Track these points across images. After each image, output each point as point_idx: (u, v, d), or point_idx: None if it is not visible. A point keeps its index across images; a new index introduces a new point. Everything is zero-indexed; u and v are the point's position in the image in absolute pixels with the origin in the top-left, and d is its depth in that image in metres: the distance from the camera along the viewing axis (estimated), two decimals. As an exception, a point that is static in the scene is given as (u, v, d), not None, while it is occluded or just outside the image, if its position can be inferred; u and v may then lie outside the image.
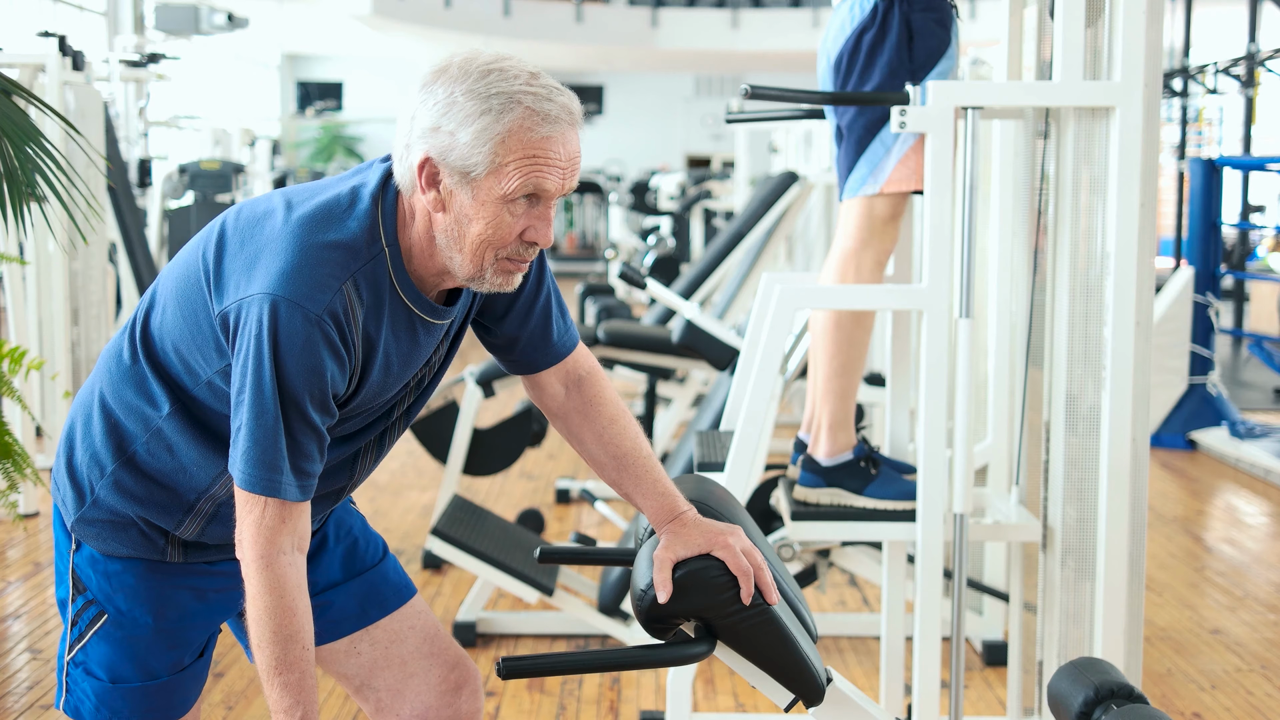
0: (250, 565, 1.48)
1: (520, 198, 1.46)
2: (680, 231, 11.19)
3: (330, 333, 1.44)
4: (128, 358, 1.59)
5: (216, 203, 7.06)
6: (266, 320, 1.42)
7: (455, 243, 1.49)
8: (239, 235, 1.52)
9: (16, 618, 3.69)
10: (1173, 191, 10.00)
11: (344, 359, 1.47)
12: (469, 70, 1.45)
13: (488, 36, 16.62)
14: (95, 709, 1.67)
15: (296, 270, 1.44)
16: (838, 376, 2.66)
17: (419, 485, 5.35)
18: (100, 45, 11.59)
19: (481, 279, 1.51)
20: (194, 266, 1.53)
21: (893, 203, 2.64)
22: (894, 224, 2.66)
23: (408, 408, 1.68)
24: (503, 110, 1.43)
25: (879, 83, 2.57)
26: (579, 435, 1.73)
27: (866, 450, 2.69)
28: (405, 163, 1.49)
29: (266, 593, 1.47)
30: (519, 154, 1.44)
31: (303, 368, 1.43)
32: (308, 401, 1.45)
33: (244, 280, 1.46)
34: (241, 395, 1.45)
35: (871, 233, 2.64)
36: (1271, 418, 6.98)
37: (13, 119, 2.76)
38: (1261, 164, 7.88)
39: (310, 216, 1.49)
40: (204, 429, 1.56)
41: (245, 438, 1.45)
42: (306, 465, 1.48)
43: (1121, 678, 1.53)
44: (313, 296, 1.43)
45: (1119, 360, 2.38)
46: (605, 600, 3.48)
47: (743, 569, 1.53)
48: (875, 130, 2.60)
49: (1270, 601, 4.02)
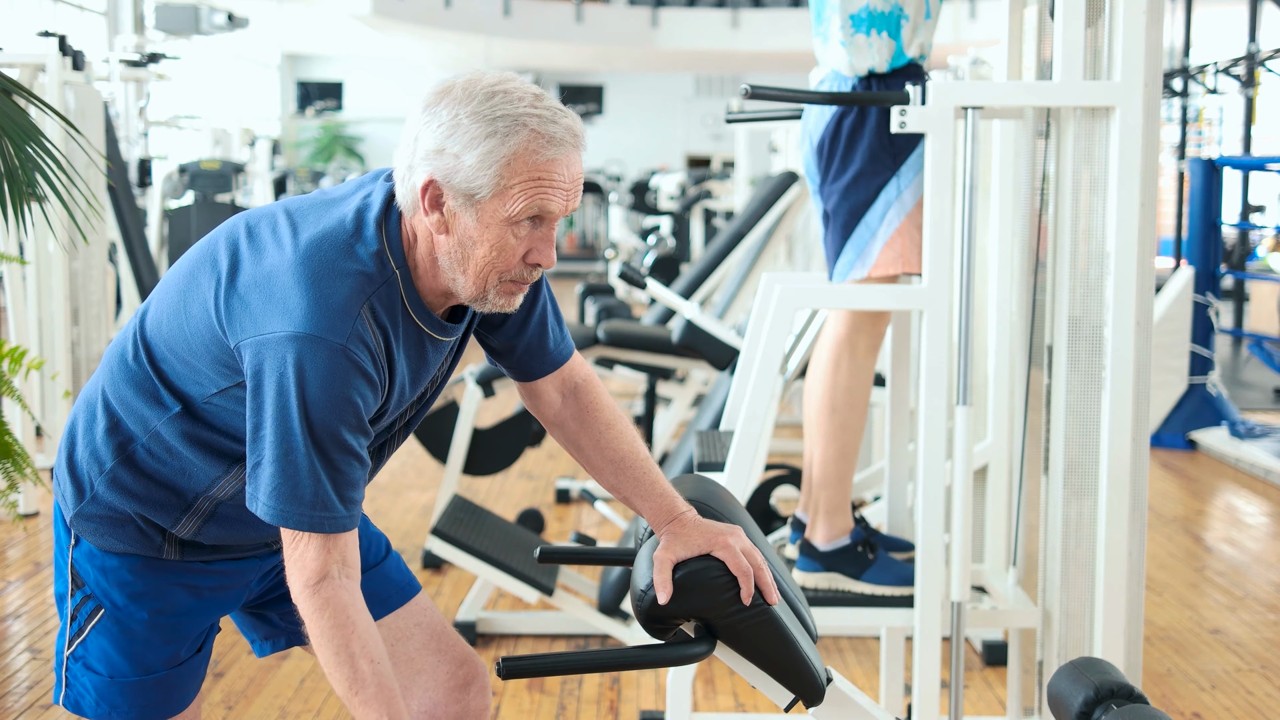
0: (299, 597, 1.48)
1: (524, 220, 1.46)
2: (680, 231, 11.20)
3: (359, 358, 1.44)
4: (131, 359, 1.59)
5: (216, 203, 7.06)
6: (292, 361, 1.41)
7: (459, 264, 1.49)
8: (249, 262, 1.49)
9: (16, 617, 3.69)
10: (1173, 191, 9.99)
11: (375, 381, 1.47)
12: (473, 92, 1.44)
13: (488, 36, 16.63)
14: (96, 703, 1.68)
15: (315, 304, 1.43)
16: (834, 462, 2.70)
17: (419, 485, 5.35)
18: (100, 45, 11.59)
19: (484, 300, 1.51)
20: (203, 287, 1.52)
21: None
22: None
23: (408, 421, 1.68)
24: (508, 133, 1.43)
25: (860, 167, 2.61)
26: (576, 441, 1.74)
27: (864, 534, 2.72)
28: (408, 184, 1.48)
29: (318, 616, 1.46)
30: (524, 177, 1.44)
31: (336, 400, 1.43)
32: (344, 431, 1.44)
33: (261, 316, 1.45)
34: (261, 432, 1.44)
35: (864, 316, 2.68)
36: (1271, 418, 6.98)
37: (13, 118, 2.76)
38: (1261, 164, 7.88)
39: (320, 244, 1.47)
40: (205, 435, 1.57)
41: (273, 476, 1.44)
42: (351, 493, 1.47)
43: (1121, 678, 1.53)
44: (335, 328, 1.42)
45: (1119, 360, 2.38)
46: (605, 600, 3.48)
47: (743, 569, 1.53)
48: (860, 214, 2.63)
49: (1270, 601, 4.02)
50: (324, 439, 1.43)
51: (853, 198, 2.62)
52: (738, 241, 5.69)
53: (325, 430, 1.43)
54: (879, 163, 2.60)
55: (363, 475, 1.50)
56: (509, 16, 16.82)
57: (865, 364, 2.68)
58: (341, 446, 1.45)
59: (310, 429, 1.42)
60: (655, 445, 5.17)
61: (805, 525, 2.76)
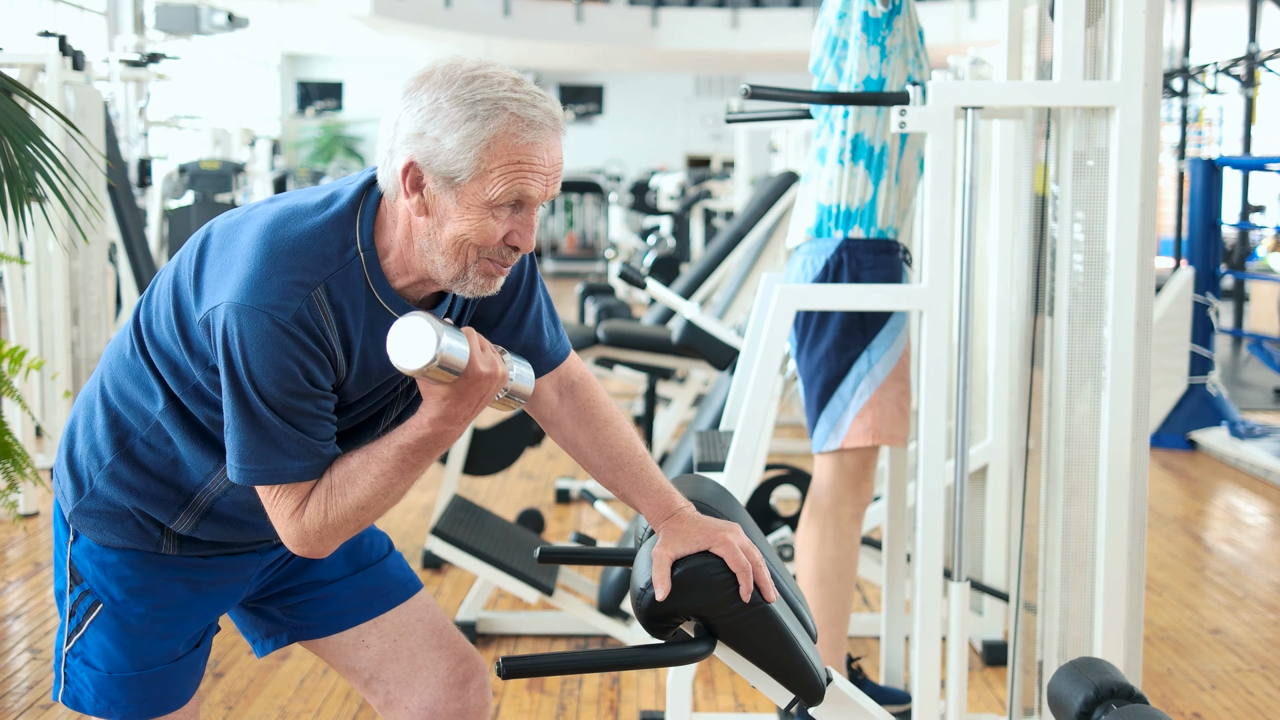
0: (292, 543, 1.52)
1: (505, 204, 1.47)
2: (680, 231, 11.19)
3: (301, 336, 1.46)
4: (129, 353, 1.61)
5: (216, 203, 7.06)
6: (235, 329, 1.44)
7: (437, 245, 1.49)
8: (218, 241, 1.54)
9: (16, 617, 3.69)
10: (1173, 191, 10.00)
11: (324, 359, 1.49)
12: (453, 76, 1.45)
13: (488, 36, 16.63)
14: (95, 699, 1.68)
15: (264, 278, 1.45)
16: (827, 629, 2.74)
17: (419, 485, 5.35)
18: (100, 45, 11.60)
19: (464, 280, 1.51)
20: (182, 272, 1.55)
21: (861, 456, 2.72)
22: (867, 476, 2.75)
23: (398, 415, 1.68)
24: (488, 116, 1.43)
25: (833, 340, 2.69)
26: (573, 440, 1.74)
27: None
28: (389, 168, 1.49)
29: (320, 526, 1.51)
30: (504, 160, 1.44)
31: (276, 370, 1.45)
32: (290, 395, 1.46)
33: (218, 287, 1.48)
34: (227, 399, 1.47)
35: (846, 487, 2.73)
36: (1271, 418, 6.98)
37: (13, 118, 2.76)
38: (1261, 164, 7.88)
39: (278, 221, 1.50)
40: (198, 426, 1.58)
41: (232, 436, 1.48)
42: (320, 447, 1.50)
43: (1121, 678, 1.54)
44: (279, 305, 1.44)
45: (1119, 360, 2.38)
46: (605, 600, 3.48)
47: (742, 565, 1.53)
48: (834, 387, 2.69)
49: (1270, 601, 4.02)
50: (273, 401, 1.46)
51: (825, 370, 2.70)
52: (738, 241, 5.69)
53: (271, 394, 1.45)
54: (850, 336, 2.67)
55: (327, 431, 1.51)
56: (509, 16, 16.83)
57: (850, 533, 2.73)
58: (292, 409, 1.47)
59: (259, 392, 1.45)
60: (655, 445, 5.17)
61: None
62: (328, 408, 1.51)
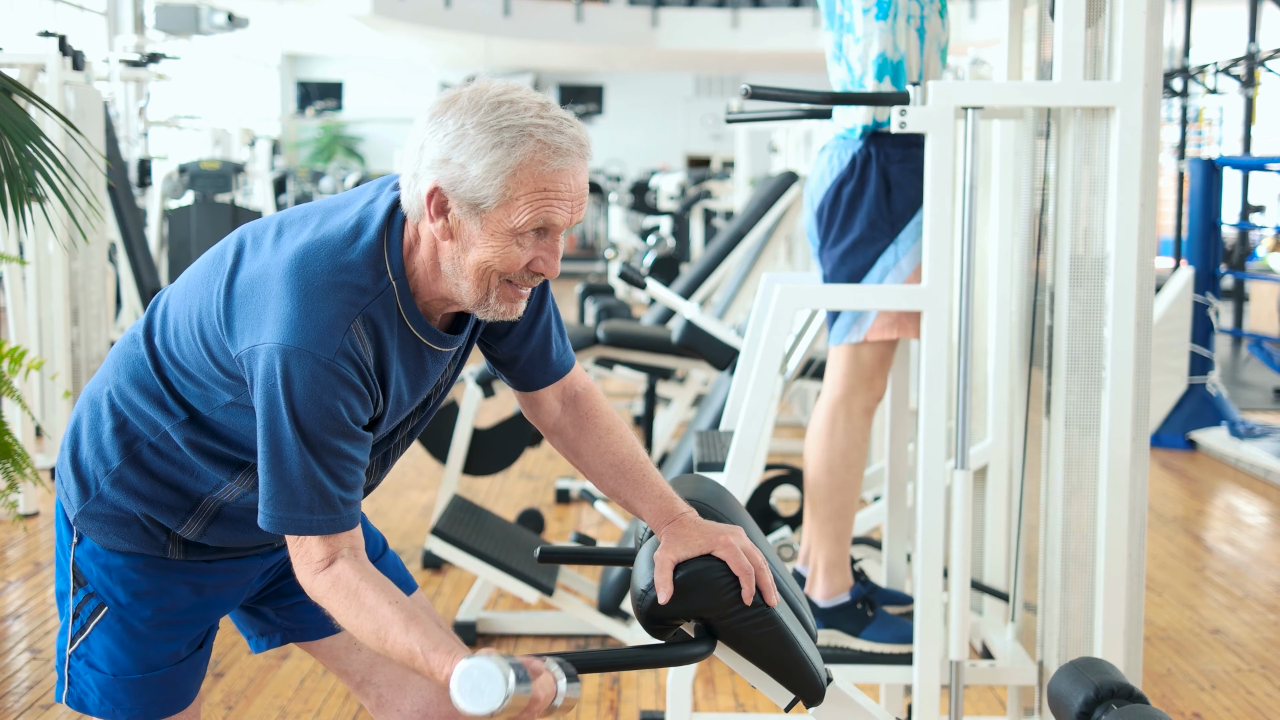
0: (311, 589, 1.50)
1: (529, 231, 1.46)
2: (680, 231, 11.19)
3: (347, 373, 1.44)
4: (140, 363, 1.59)
5: (216, 203, 7.05)
6: (279, 371, 1.42)
7: (461, 270, 1.48)
8: (248, 270, 1.50)
9: (16, 617, 3.69)
10: (1173, 191, 9.99)
11: (365, 394, 1.48)
12: (480, 102, 1.44)
13: (488, 36, 16.63)
14: (99, 701, 1.68)
15: (304, 316, 1.43)
16: (832, 520, 2.72)
17: (419, 485, 5.35)
18: (100, 45, 11.60)
19: (486, 305, 1.51)
20: (208, 298, 1.52)
21: (878, 350, 2.70)
22: (882, 371, 2.73)
23: (411, 429, 1.69)
24: (514, 144, 1.42)
25: (859, 234, 2.65)
26: (575, 448, 1.74)
27: (863, 591, 2.74)
28: (413, 191, 1.48)
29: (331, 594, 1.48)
30: (530, 188, 1.44)
31: (322, 412, 1.43)
32: (333, 438, 1.45)
33: (254, 325, 1.46)
34: (264, 442, 1.45)
35: (859, 379, 2.71)
36: (1271, 418, 6.98)
37: (13, 118, 2.76)
38: (1261, 164, 7.88)
39: (313, 253, 1.47)
40: (213, 440, 1.57)
41: (268, 484, 1.46)
42: (348, 495, 1.48)
43: (1121, 678, 1.54)
44: (323, 342, 1.43)
45: (1119, 360, 2.38)
46: (605, 600, 3.48)
47: (744, 569, 1.53)
48: (858, 280, 2.66)
49: (1270, 601, 4.02)
50: (315, 446, 1.44)
51: (850, 264, 2.67)
52: (738, 241, 5.69)
53: (315, 438, 1.43)
54: (877, 230, 2.64)
55: (359, 478, 1.50)
56: (509, 16, 16.83)
57: (861, 425, 2.71)
58: (333, 452, 1.45)
59: (301, 437, 1.43)
60: (655, 445, 5.16)
61: (805, 580, 2.77)
62: (364, 448, 1.50)
